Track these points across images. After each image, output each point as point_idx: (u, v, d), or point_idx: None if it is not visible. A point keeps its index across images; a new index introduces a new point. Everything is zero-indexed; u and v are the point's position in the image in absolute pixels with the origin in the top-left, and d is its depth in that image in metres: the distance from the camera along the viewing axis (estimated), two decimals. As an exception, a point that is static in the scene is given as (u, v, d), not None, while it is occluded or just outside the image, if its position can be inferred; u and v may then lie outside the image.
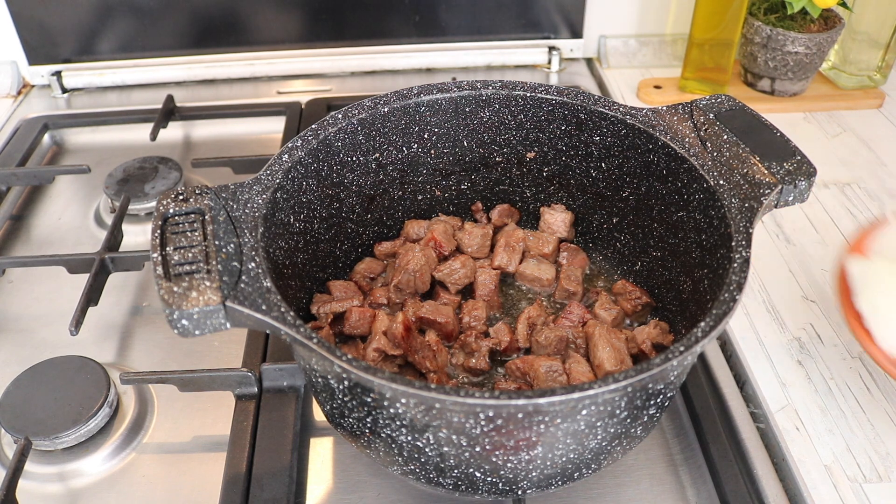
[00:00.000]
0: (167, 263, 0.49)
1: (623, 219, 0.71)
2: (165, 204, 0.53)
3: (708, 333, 0.47)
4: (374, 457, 0.56)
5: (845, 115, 1.07)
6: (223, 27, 1.12)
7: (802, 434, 0.65)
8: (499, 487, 0.54)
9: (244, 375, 0.65)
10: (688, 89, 1.09)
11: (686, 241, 0.63)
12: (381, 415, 0.50)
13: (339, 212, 0.69)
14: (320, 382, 0.54)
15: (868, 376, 0.69)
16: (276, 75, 1.17)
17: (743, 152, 0.60)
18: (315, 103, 1.07)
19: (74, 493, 0.62)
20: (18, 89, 1.15)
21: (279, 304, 0.48)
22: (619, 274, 0.73)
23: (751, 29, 1.03)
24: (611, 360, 0.61)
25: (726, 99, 0.66)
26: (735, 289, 0.50)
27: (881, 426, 0.65)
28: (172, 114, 1.06)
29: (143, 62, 1.14)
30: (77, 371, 0.67)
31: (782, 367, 0.70)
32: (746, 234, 0.54)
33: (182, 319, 0.47)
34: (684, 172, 0.62)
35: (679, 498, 0.61)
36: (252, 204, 0.56)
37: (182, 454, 0.65)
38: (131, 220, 0.89)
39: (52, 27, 1.09)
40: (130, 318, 0.78)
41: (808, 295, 0.78)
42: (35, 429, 0.62)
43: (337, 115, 0.66)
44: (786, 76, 1.05)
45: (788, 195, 0.58)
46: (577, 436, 0.50)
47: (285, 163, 0.61)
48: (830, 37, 1.00)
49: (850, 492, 0.60)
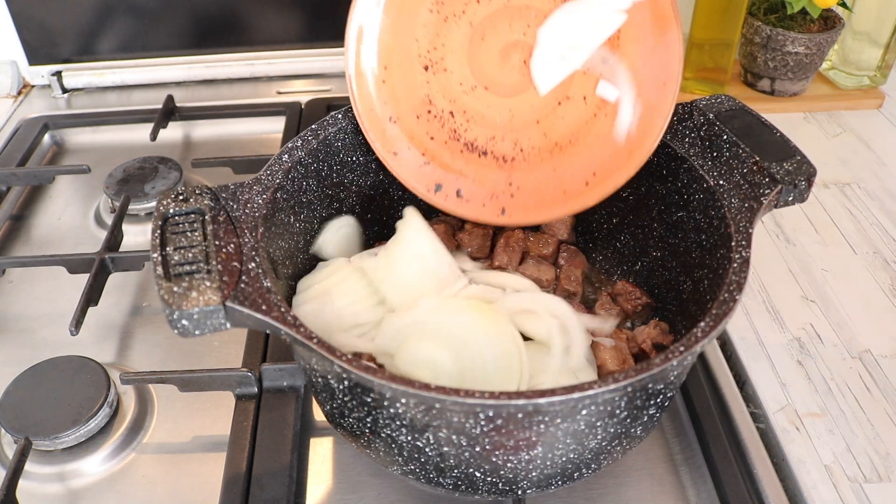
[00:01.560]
0: (167, 263, 0.49)
1: (623, 219, 0.71)
2: (165, 204, 0.53)
3: (708, 333, 0.47)
4: (374, 457, 0.56)
5: (845, 115, 1.07)
6: (223, 27, 1.12)
7: (802, 434, 0.65)
8: (499, 487, 0.54)
9: (244, 375, 0.65)
10: (688, 89, 1.09)
11: (686, 241, 0.63)
12: (381, 415, 0.50)
13: (339, 212, 0.69)
14: (320, 382, 0.54)
15: (868, 376, 0.69)
16: (276, 75, 1.17)
17: (743, 152, 0.60)
18: (315, 103, 1.07)
19: (74, 493, 0.62)
20: (18, 89, 1.15)
21: (279, 304, 0.48)
22: (619, 274, 0.73)
23: (751, 29, 1.03)
24: (613, 361, 0.61)
25: (726, 99, 0.66)
26: (735, 289, 0.50)
27: (881, 426, 0.65)
28: (172, 114, 1.06)
29: (143, 62, 1.14)
30: (77, 371, 0.67)
31: (782, 367, 0.70)
32: (746, 234, 0.54)
33: (182, 319, 0.47)
34: (684, 172, 0.62)
35: (679, 498, 0.61)
36: (252, 204, 0.56)
37: (182, 454, 0.65)
38: (131, 220, 0.89)
39: (52, 27, 1.09)
40: (130, 318, 0.78)
41: (808, 295, 0.78)
42: (35, 429, 0.62)
43: (337, 115, 0.66)
44: (786, 76, 1.05)
45: (788, 195, 0.58)
46: (577, 436, 0.50)
47: (285, 163, 0.61)
48: (830, 37, 1.00)
49: (850, 492, 0.60)
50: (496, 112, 0.63)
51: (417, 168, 0.64)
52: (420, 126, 0.63)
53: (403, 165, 0.63)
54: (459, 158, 0.64)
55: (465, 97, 0.62)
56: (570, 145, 0.62)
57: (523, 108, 0.62)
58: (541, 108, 0.62)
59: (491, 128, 0.63)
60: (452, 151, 0.64)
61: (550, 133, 0.62)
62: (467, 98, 0.62)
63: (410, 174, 0.64)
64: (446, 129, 0.63)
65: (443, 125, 0.62)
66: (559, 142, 0.62)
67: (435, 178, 0.64)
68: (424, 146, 0.63)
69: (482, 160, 0.63)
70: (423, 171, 0.64)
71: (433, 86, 0.62)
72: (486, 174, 0.64)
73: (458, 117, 0.62)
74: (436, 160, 0.63)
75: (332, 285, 0.63)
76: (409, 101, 0.63)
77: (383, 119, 0.62)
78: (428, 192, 0.63)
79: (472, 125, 0.63)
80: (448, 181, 0.64)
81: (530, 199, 0.65)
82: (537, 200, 0.65)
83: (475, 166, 0.64)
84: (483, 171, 0.64)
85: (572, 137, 0.62)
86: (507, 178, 0.63)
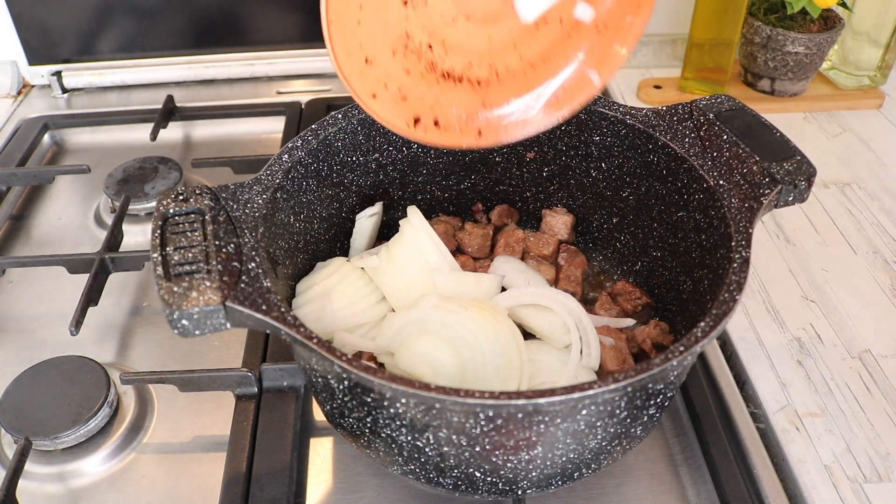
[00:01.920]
0: (167, 263, 0.49)
1: (623, 219, 0.71)
2: (165, 204, 0.53)
3: (708, 333, 0.47)
4: (374, 457, 0.56)
5: (845, 115, 1.07)
6: (223, 27, 1.12)
7: (802, 434, 0.65)
8: (499, 487, 0.54)
9: (244, 375, 0.65)
10: (688, 89, 1.09)
11: (686, 241, 0.63)
12: (381, 415, 0.50)
13: (339, 212, 0.69)
14: (320, 382, 0.54)
15: (868, 376, 0.69)
16: (276, 75, 1.17)
17: (743, 152, 0.60)
18: (315, 103, 1.07)
19: (74, 493, 0.62)
20: (18, 89, 1.15)
21: (279, 304, 0.48)
22: (619, 274, 0.73)
23: (751, 29, 1.03)
24: (613, 361, 0.61)
25: (726, 99, 0.66)
26: (735, 289, 0.50)
27: (881, 426, 0.65)
28: (172, 114, 1.06)
29: (143, 62, 1.14)
30: (77, 371, 0.67)
31: (782, 367, 0.70)
32: (746, 234, 0.54)
33: (182, 319, 0.47)
34: (684, 172, 0.62)
35: (679, 498, 0.61)
36: (252, 204, 0.56)
37: (182, 454, 0.65)
38: (131, 220, 0.89)
39: (52, 27, 1.09)
40: (130, 318, 0.78)
41: (808, 295, 0.78)
42: (35, 429, 0.62)
43: (337, 115, 0.66)
44: (786, 76, 1.05)
45: (788, 195, 0.58)
46: (577, 436, 0.50)
47: (285, 163, 0.61)
48: (830, 37, 1.00)
49: (850, 492, 0.60)
50: (475, 40, 0.62)
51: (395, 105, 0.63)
52: (396, 62, 0.62)
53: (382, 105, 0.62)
54: (435, 88, 0.63)
55: (444, 29, 0.61)
56: (542, 63, 0.62)
57: (502, 34, 0.61)
58: (519, 33, 0.61)
59: (468, 55, 0.63)
60: (429, 82, 0.63)
61: (525, 55, 0.62)
62: (447, 29, 0.61)
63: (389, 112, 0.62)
64: (423, 61, 0.62)
65: (420, 58, 0.61)
66: (532, 61, 0.62)
67: (412, 111, 0.63)
68: (400, 81, 0.62)
69: (457, 87, 0.63)
70: (401, 107, 0.63)
71: (412, 21, 0.61)
72: (461, 99, 0.63)
73: (436, 49, 0.61)
74: (412, 94, 0.62)
75: (332, 285, 0.63)
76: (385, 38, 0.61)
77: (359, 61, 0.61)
78: (408, 128, 0.62)
79: (449, 55, 0.62)
80: (424, 112, 0.63)
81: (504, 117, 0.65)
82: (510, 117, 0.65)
83: (451, 93, 0.63)
84: (458, 96, 0.63)
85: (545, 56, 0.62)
86: (481, 99, 0.63)
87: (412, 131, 0.63)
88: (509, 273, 0.68)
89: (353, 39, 0.59)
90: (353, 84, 0.60)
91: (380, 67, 0.61)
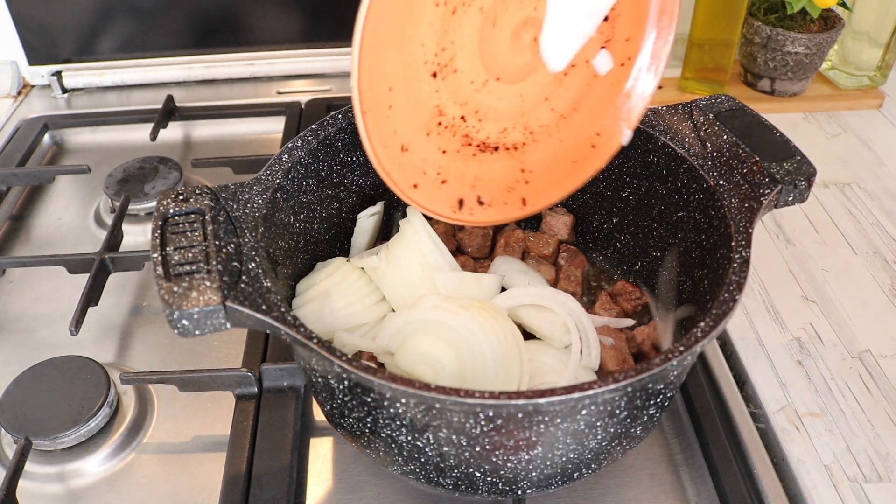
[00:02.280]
0: (167, 263, 0.49)
1: (623, 219, 0.71)
2: (165, 204, 0.53)
3: (708, 333, 0.47)
4: (374, 457, 0.56)
5: (845, 115, 1.07)
6: (223, 27, 1.12)
7: (802, 434, 0.65)
8: (499, 487, 0.54)
9: (244, 375, 0.65)
10: (688, 89, 1.09)
11: (686, 241, 0.63)
12: (381, 415, 0.50)
13: (339, 212, 0.69)
14: (320, 382, 0.54)
15: (868, 376, 0.69)
16: (276, 75, 1.17)
17: (743, 152, 0.60)
18: (315, 103, 1.07)
19: (74, 493, 0.62)
20: (18, 89, 1.15)
21: (279, 304, 0.48)
22: (619, 274, 0.73)
23: (751, 29, 1.03)
24: (613, 361, 0.61)
25: (726, 99, 0.66)
26: (735, 289, 0.50)
27: (881, 426, 0.65)
28: (172, 114, 1.06)
29: (143, 62, 1.14)
30: (77, 371, 0.67)
31: (782, 367, 0.70)
32: (746, 234, 0.54)
33: (182, 319, 0.47)
34: (684, 172, 0.62)
35: (679, 498, 0.61)
36: (252, 204, 0.56)
37: (182, 454, 0.65)
38: (131, 220, 0.89)
39: (52, 27, 1.09)
40: (130, 318, 0.78)
41: (808, 295, 0.78)
42: (35, 429, 0.62)
43: (337, 115, 0.66)
44: (786, 76, 1.05)
45: (788, 195, 0.58)
46: (577, 436, 0.50)
47: (285, 163, 0.61)
48: (830, 37, 1.00)
49: (849, 492, 0.60)
50: (507, 102, 0.60)
51: (436, 190, 0.60)
52: (431, 143, 0.59)
53: (424, 194, 0.59)
54: (472, 163, 0.61)
55: (476, 95, 0.59)
56: (574, 112, 0.61)
57: (533, 90, 0.60)
58: (549, 84, 0.60)
59: (502, 120, 0.61)
60: (465, 158, 0.60)
61: (557, 106, 0.60)
62: (479, 96, 0.59)
63: (432, 200, 0.60)
64: (458, 136, 0.59)
65: (454, 134, 0.59)
66: (564, 112, 0.60)
67: (455, 194, 0.60)
68: (438, 164, 0.59)
69: (494, 156, 0.61)
70: (442, 191, 0.60)
71: (443, 93, 0.58)
72: (499, 169, 0.62)
73: (469, 120, 0.59)
74: (451, 174, 0.60)
75: (332, 285, 0.63)
76: (419, 119, 0.58)
77: (396, 151, 0.57)
78: (453, 213, 0.60)
79: (483, 123, 0.60)
80: (466, 193, 0.61)
81: (544, 179, 0.63)
82: (551, 178, 0.64)
83: (489, 164, 0.62)
84: (496, 166, 0.62)
85: (575, 104, 0.60)
86: (519, 165, 0.62)
87: (458, 216, 0.61)
88: (509, 273, 0.68)
89: (388, 127, 0.56)
90: (393, 178, 0.57)
91: (416, 153, 0.59)
